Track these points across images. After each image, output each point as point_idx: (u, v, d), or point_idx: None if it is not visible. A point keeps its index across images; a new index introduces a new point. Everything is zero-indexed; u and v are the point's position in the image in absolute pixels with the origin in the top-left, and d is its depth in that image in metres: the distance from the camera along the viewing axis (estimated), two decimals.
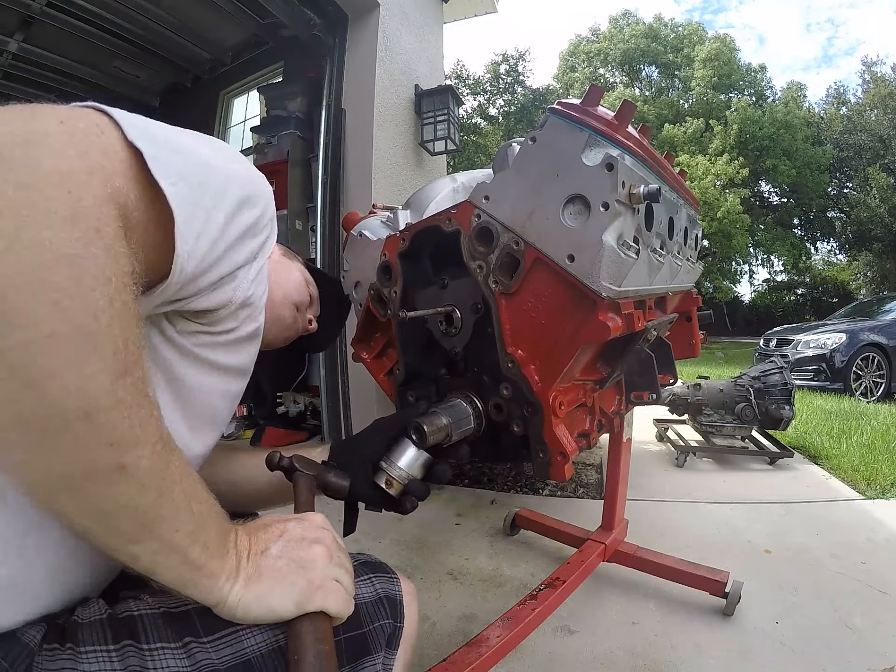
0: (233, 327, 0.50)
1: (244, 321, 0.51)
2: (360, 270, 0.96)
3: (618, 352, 0.76)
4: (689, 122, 17.96)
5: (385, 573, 0.57)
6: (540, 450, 0.67)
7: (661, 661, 1.11)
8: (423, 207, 0.94)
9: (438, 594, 1.39)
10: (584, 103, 0.62)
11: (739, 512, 1.92)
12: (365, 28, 2.43)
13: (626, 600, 1.34)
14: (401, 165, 2.55)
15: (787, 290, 23.68)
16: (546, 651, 1.16)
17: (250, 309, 0.50)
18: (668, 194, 0.82)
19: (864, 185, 18.46)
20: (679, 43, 20.72)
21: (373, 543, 1.67)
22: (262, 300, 0.53)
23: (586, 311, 0.62)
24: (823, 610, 1.28)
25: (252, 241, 0.46)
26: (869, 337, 5.66)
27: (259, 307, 0.52)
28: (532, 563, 1.54)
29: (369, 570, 0.56)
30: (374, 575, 0.56)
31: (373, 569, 0.57)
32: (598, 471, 2.32)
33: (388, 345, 0.96)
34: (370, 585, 0.54)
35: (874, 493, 2.07)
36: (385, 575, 0.57)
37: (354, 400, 2.27)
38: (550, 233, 0.61)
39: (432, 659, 1.06)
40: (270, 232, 0.50)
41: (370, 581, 0.54)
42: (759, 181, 19.82)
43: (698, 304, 1.13)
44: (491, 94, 22.56)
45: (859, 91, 20.14)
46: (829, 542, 1.65)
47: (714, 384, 2.79)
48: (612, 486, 1.39)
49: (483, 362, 0.73)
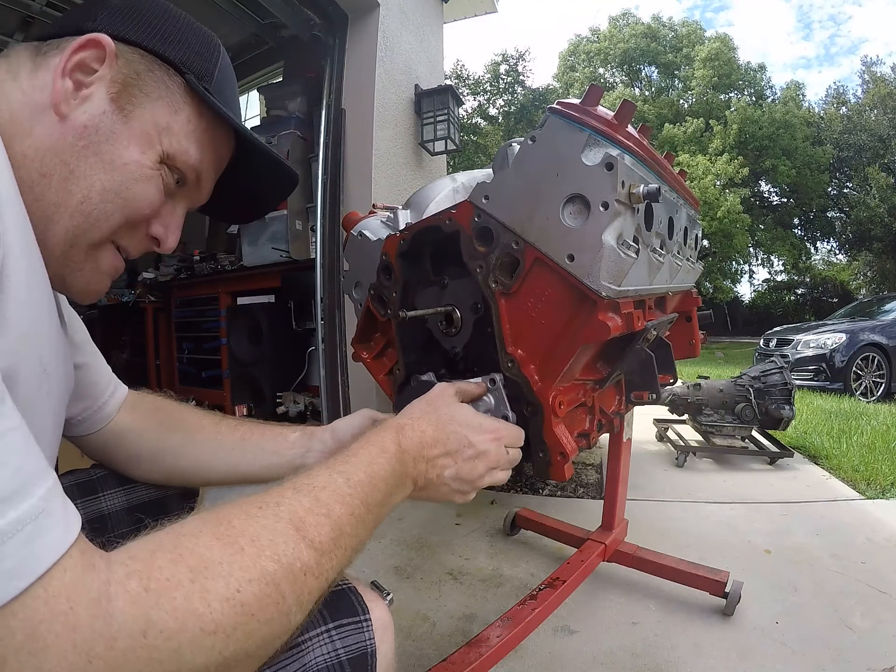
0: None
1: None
2: (360, 270, 0.96)
3: (618, 351, 0.76)
4: (689, 121, 17.96)
5: (350, 615, 0.45)
6: (540, 450, 0.67)
7: (661, 661, 1.11)
8: (423, 207, 0.94)
9: (438, 594, 1.39)
10: (583, 103, 0.61)
11: (739, 512, 1.92)
12: (365, 28, 2.43)
13: (626, 600, 1.34)
14: (401, 165, 2.55)
15: (787, 290, 23.68)
16: (546, 651, 1.16)
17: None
18: (668, 194, 0.82)
19: (864, 185, 18.46)
20: (679, 43, 20.72)
21: (373, 543, 1.67)
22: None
23: (586, 311, 0.62)
24: (823, 610, 1.28)
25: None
26: (869, 337, 5.66)
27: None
28: (532, 563, 1.54)
29: (329, 616, 0.44)
30: (336, 625, 0.44)
31: (334, 611, 0.45)
32: (598, 471, 2.32)
33: (388, 345, 0.96)
34: (328, 643, 0.43)
35: (874, 493, 2.07)
36: (350, 620, 0.45)
37: (354, 400, 2.27)
38: (550, 232, 0.61)
39: (432, 659, 1.06)
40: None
41: (328, 637, 0.43)
42: (758, 181, 19.82)
43: (698, 304, 1.13)
44: (491, 94, 22.56)
45: (859, 91, 20.17)
46: (829, 542, 1.65)
47: (714, 384, 2.79)
48: (612, 486, 1.39)
49: (483, 362, 0.73)
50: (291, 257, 2.88)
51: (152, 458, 0.64)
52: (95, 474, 0.66)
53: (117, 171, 0.42)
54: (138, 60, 0.44)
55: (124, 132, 0.43)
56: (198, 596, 0.30)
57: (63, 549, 0.27)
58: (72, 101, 0.41)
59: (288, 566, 0.34)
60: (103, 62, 0.42)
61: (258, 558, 0.33)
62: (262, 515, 0.36)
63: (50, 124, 0.40)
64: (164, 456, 0.64)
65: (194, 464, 0.65)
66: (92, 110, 0.42)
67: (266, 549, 0.34)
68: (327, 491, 0.40)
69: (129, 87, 0.43)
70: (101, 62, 0.42)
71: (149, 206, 0.45)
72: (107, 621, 0.27)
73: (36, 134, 0.40)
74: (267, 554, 0.33)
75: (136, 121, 0.43)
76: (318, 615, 0.44)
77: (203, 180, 0.50)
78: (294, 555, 0.35)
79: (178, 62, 0.46)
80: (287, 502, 0.38)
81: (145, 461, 0.65)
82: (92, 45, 0.42)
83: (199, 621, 0.29)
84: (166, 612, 0.28)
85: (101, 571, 0.28)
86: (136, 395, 0.68)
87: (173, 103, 0.46)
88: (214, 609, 0.30)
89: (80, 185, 0.41)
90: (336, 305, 2.31)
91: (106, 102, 0.42)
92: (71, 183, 0.41)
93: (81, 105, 0.41)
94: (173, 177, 0.47)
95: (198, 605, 0.29)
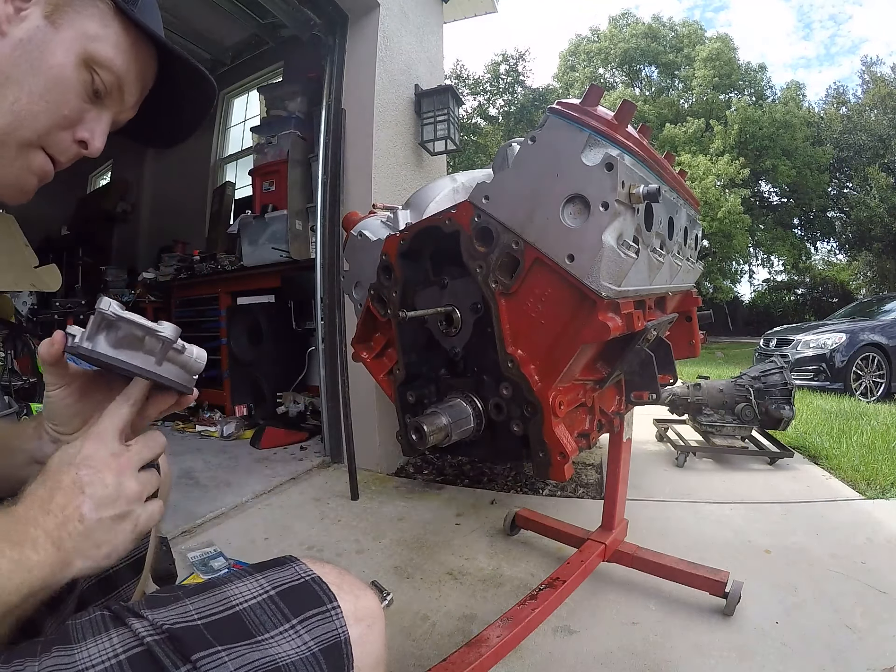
0: None
1: None
2: (360, 270, 0.96)
3: (618, 352, 0.76)
4: (690, 122, 17.95)
5: (315, 606, 0.42)
6: (540, 450, 0.67)
7: (661, 661, 1.11)
8: (423, 207, 0.94)
9: (438, 594, 1.39)
10: (583, 103, 0.62)
11: (739, 512, 1.92)
12: (365, 28, 2.43)
13: (626, 600, 1.34)
14: (401, 165, 2.55)
15: (787, 290, 23.66)
16: (546, 651, 1.16)
17: None
18: (667, 194, 0.82)
19: (864, 185, 18.45)
20: (679, 43, 20.71)
21: (373, 543, 1.67)
22: None
23: (586, 311, 0.62)
24: (823, 610, 1.28)
25: None
26: (869, 337, 5.66)
27: None
28: (532, 563, 1.54)
29: (290, 610, 0.41)
30: (300, 619, 0.41)
31: (296, 603, 0.42)
32: (598, 471, 2.32)
33: (388, 345, 0.96)
34: (295, 638, 0.40)
35: (874, 493, 2.07)
36: (315, 611, 0.42)
37: (354, 400, 2.27)
38: (550, 233, 0.61)
39: (432, 659, 1.06)
40: None
41: (294, 633, 0.40)
42: (759, 181, 19.81)
43: (698, 304, 1.14)
44: (491, 94, 22.55)
45: (859, 91, 20.17)
46: (829, 542, 1.65)
47: (714, 384, 2.79)
48: (612, 486, 1.39)
49: (483, 362, 0.74)
50: (291, 257, 2.89)
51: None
52: None
53: (42, 76, 0.47)
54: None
55: (54, 40, 0.47)
56: None
57: None
58: (12, 21, 0.46)
59: None
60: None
61: None
62: None
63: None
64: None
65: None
66: (27, 28, 0.47)
67: None
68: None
69: (60, 7, 0.48)
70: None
71: (70, 108, 0.49)
72: None
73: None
74: None
75: (66, 31, 0.48)
76: (278, 613, 0.41)
77: (127, 93, 0.54)
78: None
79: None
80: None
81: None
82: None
83: None
84: None
85: None
86: None
87: (102, 19, 0.50)
88: None
89: (12, 88, 0.46)
90: (336, 305, 2.31)
91: (40, 20, 0.47)
92: (6, 88, 0.46)
93: (20, 24, 0.46)
94: (98, 85, 0.51)
95: None
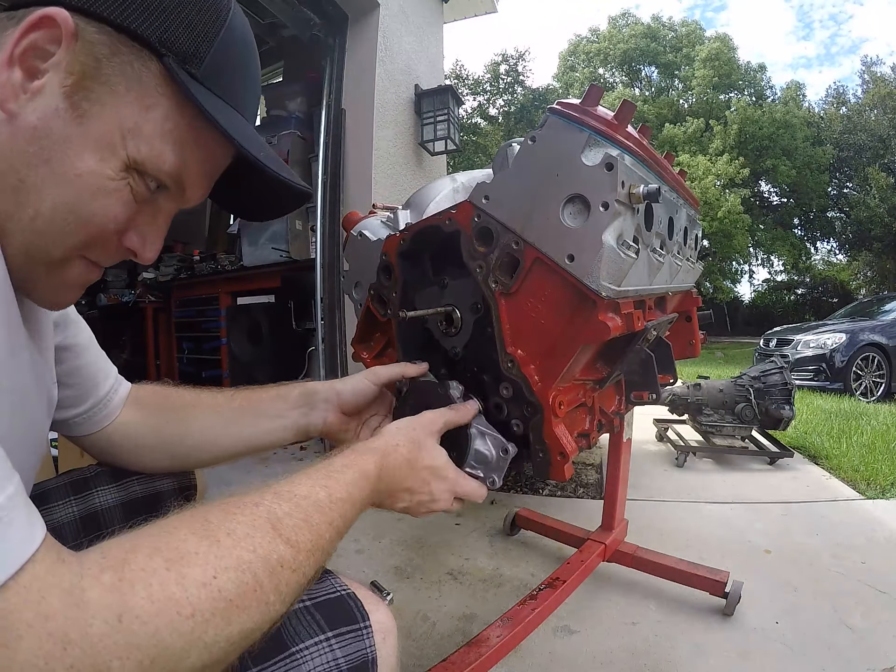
0: None
1: None
2: (360, 270, 0.96)
3: (618, 352, 0.76)
4: (690, 122, 17.96)
5: (349, 623, 0.43)
6: (540, 450, 0.67)
7: (661, 661, 1.11)
8: (423, 207, 0.94)
9: (438, 594, 1.39)
10: (583, 103, 0.61)
11: (739, 512, 1.92)
12: (365, 28, 2.43)
13: (626, 600, 1.34)
14: (401, 165, 2.55)
15: (787, 290, 23.68)
16: (546, 651, 1.16)
17: None
18: (667, 194, 0.82)
19: (864, 185, 18.46)
20: (679, 43, 20.72)
21: (373, 543, 1.67)
22: None
23: (586, 311, 0.62)
24: (823, 610, 1.28)
25: None
26: (869, 337, 5.67)
27: None
28: (532, 563, 1.54)
29: (326, 622, 0.42)
30: (335, 633, 0.42)
31: (333, 619, 0.43)
32: (598, 471, 2.32)
33: (388, 345, 0.96)
34: (328, 652, 0.41)
35: (874, 493, 2.07)
36: (350, 628, 0.43)
37: None
38: (550, 233, 0.61)
39: (432, 659, 1.06)
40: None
41: (328, 646, 0.41)
42: (759, 181, 19.82)
43: (698, 304, 1.13)
44: (491, 94, 22.56)
45: (859, 91, 20.17)
46: (829, 542, 1.65)
47: (714, 384, 2.79)
48: (612, 486, 1.39)
49: (483, 362, 0.73)
50: (291, 257, 2.88)
51: (157, 445, 0.64)
52: (90, 472, 0.66)
53: (70, 185, 0.36)
54: (101, 42, 0.36)
55: (78, 136, 0.35)
56: (174, 581, 0.30)
57: (30, 551, 0.27)
58: (21, 97, 0.35)
59: (264, 557, 0.34)
60: (60, 43, 0.35)
61: (234, 548, 0.33)
62: (239, 513, 0.36)
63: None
64: (168, 439, 0.64)
65: (198, 441, 0.65)
66: (43, 108, 0.35)
67: (242, 541, 0.34)
68: (308, 500, 0.40)
69: (85, 80, 0.35)
70: (58, 43, 0.35)
71: (112, 220, 0.39)
72: (80, 608, 0.26)
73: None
74: (243, 545, 0.34)
75: (94, 121, 0.36)
76: (314, 623, 0.42)
77: (189, 186, 0.42)
78: (270, 547, 0.35)
79: (154, 41, 0.36)
80: (266, 504, 0.38)
81: (150, 449, 0.65)
82: (46, 24, 0.34)
83: (175, 605, 0.29)
84: (142, 597, 0.28)
85: (72, 566, 0.28)
86: (137, 387, 0.68)
87: (145, 97, 0.37)
88: (191, 594, 0.30)
89: (30, 198, 0.35)
90: (336, 305, 2.32)
91: (59, 98, 0.35)
92: (21, 194, 0.35)
93: (32, 101, 0.35)
94: (147, 184, 0.39)
95: (174, 589, 0.29)
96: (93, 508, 0.63)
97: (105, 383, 0.62)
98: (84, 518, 0.62)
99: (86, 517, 0.62)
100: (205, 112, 0.37)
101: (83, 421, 0.60)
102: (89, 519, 0.62)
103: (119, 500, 0.65)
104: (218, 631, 0.31)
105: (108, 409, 0.62)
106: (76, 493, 0.63)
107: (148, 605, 0.28)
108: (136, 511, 0.64)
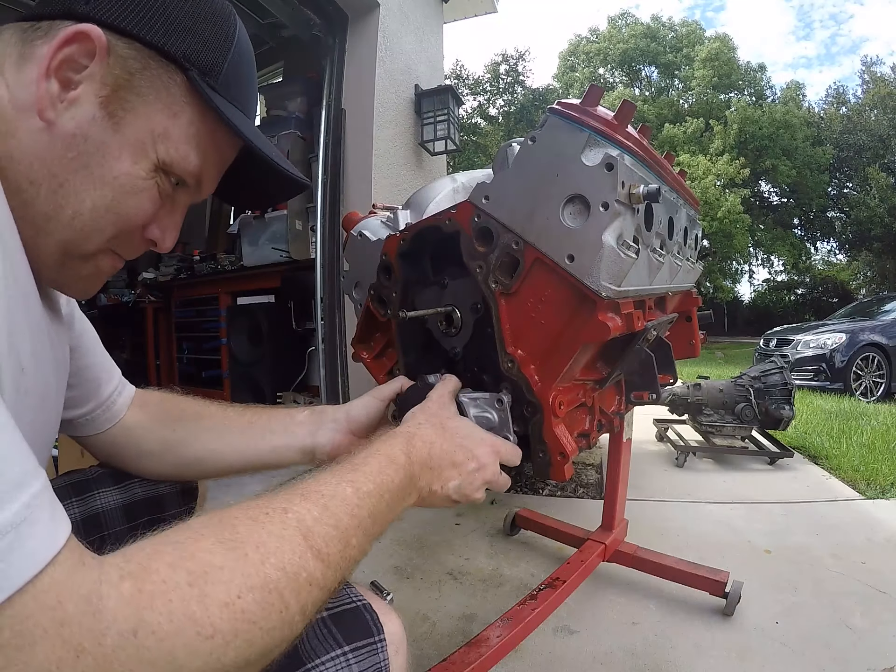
0: None
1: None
2: (360, 270, 0.96)
3: (618, 352, 0.76)
4: (689, 121, 17.95)
5: (366, 636, 0.43)
6: (540, 450, 0.67)
7: (661, 661, 1.11)
8: (423, 207, 0.94)
9: (438, 594, 1.39)
10: (583, 103, 0.61)
11: (739, 512, 1.92)
12: (365, 28, 2.43)
13: (626, 600, 1.34)
14: (401, 165, 2.55)
15: (787, 290, 23.68)
16: (546, 651, 1.16)
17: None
18: (667, 194, 0.82)
19: (864, 185, 18.45)
20: (678, 43, 20.72)
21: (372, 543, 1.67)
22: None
23: (586, 311, 0.62)
24: (823, 610, 1.28)
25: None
26: (869, 337, 5.67)
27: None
28: (532, 563, 1.54)
29: (342, 636, 0.42)
30: (352, 647, 0.41)
31: (350, 633, 0.42)
32: (598, 471, 2.32)
33: (388, 345, 0.96)
34: (345, 668, 0.41)
35: (874, 493, 2.07)
36: (366, 641, 0.42)
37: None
38: (550, 233, 0.61)
39: (432, 659, 1.06)
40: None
41: (345, 661, 0.41)
42: (759, 181, 19.81)
43: (698, 304, 1.13)
44: (491, 94, 22.56)
45: (859, 91, 20.17)
46: (829, 542, 1.65)
47: (714, 384, 2.79)
48: (612, 486, 1.39)
49: (483, 362, 0.73)
50: (291, 257, 2.88)
51: (161, 452, 0.64)
52: (91, 474, 0.66)
53: (108, 186, 0.40)
54: (133, 57, 0.40)
55: (115, 142, 0.40)
56: (195, 600, 0.29)
57: (52, 552, 0.27)
58: (58, 106, 0.38)
59: (293, 575, 0.33)
60: (93, 57, 0.38)
61: (262, 565, 0.32)
62: (268, 521, 0.35)
63: (36, 130, 0.38)
64: (173, 447, 0.64)
65: (203, 452, 0.64)
66: (80, 116, 0.38)
67: (271, 557, 0.33)
68: (336, 500, 0.39)
69: (119, 91, 0.39)
70: (91, 57, 0.38)
71: (143, 216, 0.44)
72: (96, 617, 0.26)
73: (20, 137, 0.37)
74: (272, 561, 0.32)
75: (129, 128, 0.40)
76: (330, 637, 0.41)
77: (205, 182, 0.48)
78: (300, 564, 0.34)
79: (179, 56, 0.41)
80: (295, 509, 0.36)
81: (154, 455, 0.64)
82: (80, 39, 0.38)
83: (195, 625, 0.28)
84: (160, 613, 0.28)
85: (92, 570, 0.28)
86: (143, 392, 0.68)
87: (172, 105, 0.42)
88: (213, 614, 0.29)
89: (70, 199, 0.39)
90: (336, 305, 2.32)
91: (95, 107, 0.39)
92: (61, 196, 0.39)
93: (68, 110, 0.38)
94: (171, 181, 0.44)
95: (195, 608, 0.29)
96: (94, 510, 0.63)
97: (108, 385, 0.62)
98: (85, 520, 0.62)
99: (87, 519, 0.62)
100: (225, 119, 0.43)
101: (86, 422, 0.60)
102: (90, 520, 0.62)
103: (120, 502, 0.64)
104: (239, 653, 0.30)
105: (111, 412, 0.62)
106: (77, 494, 0.63)
107: (166, 623, 0.28)
108: (137, 513, 0.64)
